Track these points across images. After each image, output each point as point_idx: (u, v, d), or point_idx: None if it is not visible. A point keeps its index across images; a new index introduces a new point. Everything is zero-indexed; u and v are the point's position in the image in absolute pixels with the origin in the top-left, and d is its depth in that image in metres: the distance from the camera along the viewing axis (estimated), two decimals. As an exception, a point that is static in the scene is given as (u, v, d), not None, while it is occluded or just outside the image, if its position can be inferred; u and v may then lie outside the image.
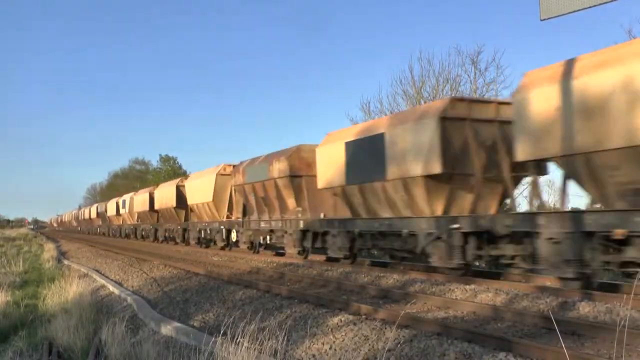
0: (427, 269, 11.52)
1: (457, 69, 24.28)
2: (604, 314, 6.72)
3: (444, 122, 10.33)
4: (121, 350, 6.26)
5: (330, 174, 13.58)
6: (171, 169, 68.97)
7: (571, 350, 4.92)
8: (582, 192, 8.50)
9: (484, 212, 10.80)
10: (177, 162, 72.32)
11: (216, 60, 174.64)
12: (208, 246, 23.40)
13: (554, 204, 14.51)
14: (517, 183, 11.17)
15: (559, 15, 5.39)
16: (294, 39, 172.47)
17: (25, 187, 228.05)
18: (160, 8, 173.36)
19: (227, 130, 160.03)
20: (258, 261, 15.79)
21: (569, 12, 5.35)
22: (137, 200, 35.98)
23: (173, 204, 27.20)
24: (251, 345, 5.06)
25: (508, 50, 63.46)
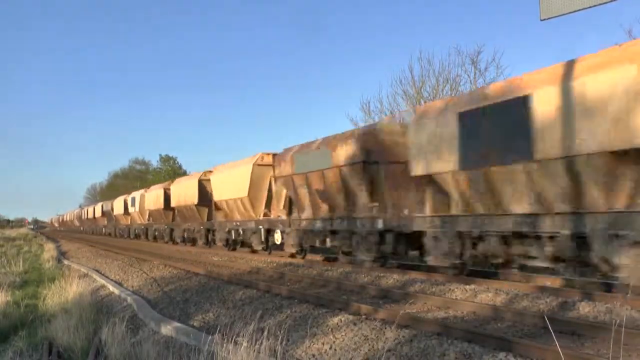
0: (427, 269, 11.52)
1: (457, 69, 24.37)
2: (604, 314, 6.72)
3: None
4: (121, 350, 6.27)
5: (430, 157, 10.43)
6: (171, 169, 69.05)
7: (571, 350, 4.93)
8: None
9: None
10: (177, 162, 72.49)
11: (216, 60, 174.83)
12: (234, 249, 20.80)
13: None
14: None
15: (559, 15, 5.38)
16: (294, 39, 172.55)
17: (25, 187, 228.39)
18: (160, 8, 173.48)
19: (227, 130, 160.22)
20: (258, 261, 15.79)
21: (569, 12, 5.34)
22: (149, 197, 32.45)
23: (194, 201, 23.81)
24: (251, 345, 5.06)
25: (508, 50, 63.54)
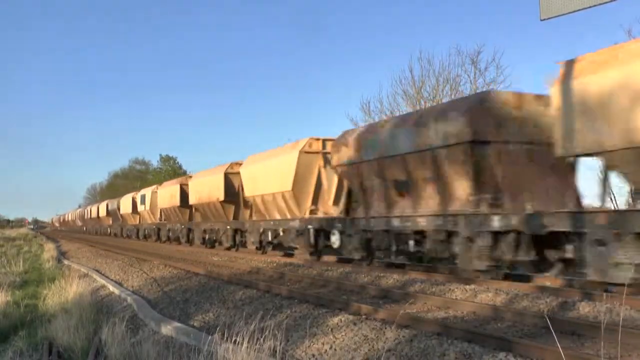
0: (427, 269, 11.52)
1: (457, 69, 24.39)
2: (604, 314, 6.72)
3: None
4: (121, 350, 6.26)
5: (604, 128, 7.51)
6: (171, 169, 69.07)
7: (571, 350, 4.93)
8: None
9: None
10: (177, 162, 72.55)
11: (216, 60, 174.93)
12: (265, 251, 18.09)
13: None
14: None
15: (559, 15, 5.38)
16: (294, 39, 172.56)
17: (25, 187, 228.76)
18: (160, 8, 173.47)
19: (227, 130, 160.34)
20: (258, 261, 15.79)
21: (569, 12, 5.34)
22: (162, 194, 29.39)
23: (220, 197, 21.21)
24: (251, 345, 5.06)
25: (508, 51, 63.51)
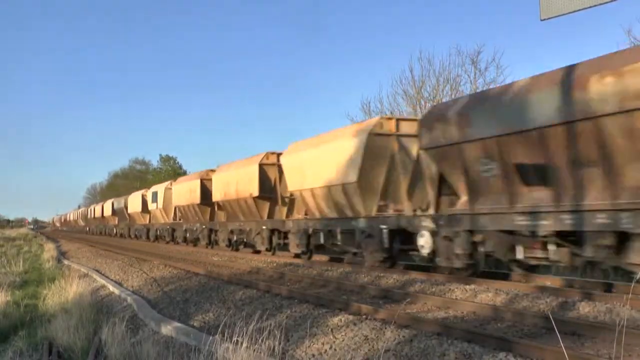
0: (427, 269, 11.51)
1: (457, 69, 24.37)
2: (604, 314, 6.72)
3: None
4: (121, 350, 6.26)
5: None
6: (171, 169, 69.04)
7: (571, 350, 4.93)
8: None
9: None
10: (177, 162, 72.54)
11: (216, 60, 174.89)
12: (311, 257, 15.38)
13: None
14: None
15: (559, 15, 5.38)
16: (294, 39, 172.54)
17: (25, 187, 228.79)
18: (160, 8, 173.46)
19: (227, 130, 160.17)
20: (258, 261, 15.79)
21: (569, 12, 5.33)
22: (178, 190, 26.28)
23: (253, 192, 18.10)
24: (251, 345, 5.06)
25: (508, 51, 63.48)
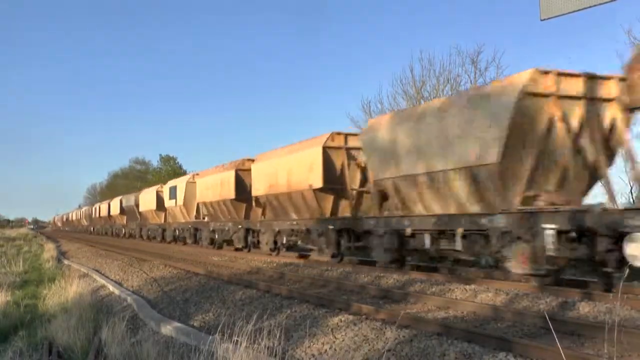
0: (427, 269, 11.50)
1: (458, 69, 24.40)
2: (604, 314, 6.72)
3: None
4: (121, 350, 6.25)
5: None
6: (171, 169, 69.05)
7: (571, 350, 4.93)
8: None
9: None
10: (177, 162, 72.55)
11: (216, 60, 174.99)
12: (404, 264, 11.89)
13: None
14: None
15: (559, 15, 5.38)
16: (294, 38, 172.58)
17: (25, 187, 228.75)
18: (160, 9, 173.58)
19: (227, 130, 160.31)
20: (258, 261, 15.79)
21: (569, 12, 5.34)
22: (205, 184, 22.63)
23: (313, 184, 14.18)
24: (250, 345, 5.06)
25: (508, 50, 63.38)
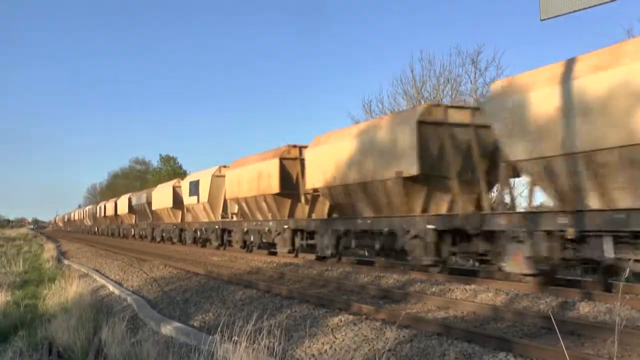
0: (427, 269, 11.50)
1: (458, 69, 24.40)
2: (604, 314, 6.72)
3: None
4: (121, 350, 6.25)
5: None
6: (171, 169, 69.02)
7: (571, 350, 4.92)
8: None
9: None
10: (177, 162, 72.51)
11: (216, 60, 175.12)
12: (539, 276, 8.93)
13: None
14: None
15: (559, 15, 5.38)
16: (294, 38, 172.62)
17: (25, 187, 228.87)
18: (160, 9, 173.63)
19: (227, 130, 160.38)
20: (258, 261, 15.79)
21: (569, 12, 5.34)
22: (235, 177, 19.32)
23: (405, 171, 11.23)
24: (250, 345, 5.06)
25: (508, 50, 63.39)
